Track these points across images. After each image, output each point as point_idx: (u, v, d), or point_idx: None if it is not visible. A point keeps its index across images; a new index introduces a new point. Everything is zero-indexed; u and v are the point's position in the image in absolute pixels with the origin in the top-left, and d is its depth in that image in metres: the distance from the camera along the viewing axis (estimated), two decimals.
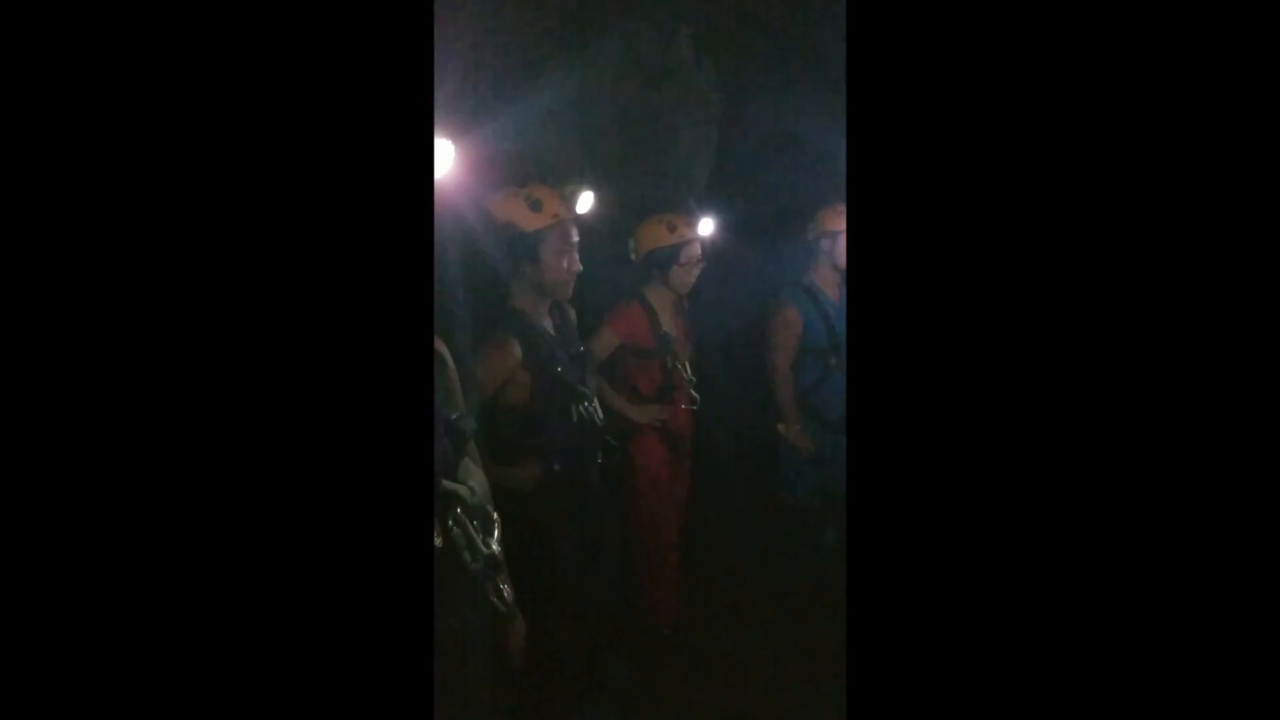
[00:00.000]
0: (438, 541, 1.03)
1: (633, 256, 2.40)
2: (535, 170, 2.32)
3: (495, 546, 1.09)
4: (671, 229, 2.33)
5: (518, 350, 1.66)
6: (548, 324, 1.79)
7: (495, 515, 1.13)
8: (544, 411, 1.70)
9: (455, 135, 1.03)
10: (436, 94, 0.96)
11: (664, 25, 2.78)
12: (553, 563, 1.70)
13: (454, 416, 1.12)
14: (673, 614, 2.45)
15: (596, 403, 1.81)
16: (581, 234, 1.76)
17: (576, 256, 1.75)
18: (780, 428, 2.53)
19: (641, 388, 2.34)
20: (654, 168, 2.92)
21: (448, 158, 1.01)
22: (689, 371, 2.38)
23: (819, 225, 2.54)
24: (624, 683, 2.18)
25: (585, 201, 1.91)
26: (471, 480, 1.11)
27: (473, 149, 1.40)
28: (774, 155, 3.18)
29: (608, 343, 2.28)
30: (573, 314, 1.91)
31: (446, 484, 1.06)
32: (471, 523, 1.07)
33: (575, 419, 1.73)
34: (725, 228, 2.64)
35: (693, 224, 2.36)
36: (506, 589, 1.13)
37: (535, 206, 1.70)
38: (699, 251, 2.37)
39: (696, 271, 2.38)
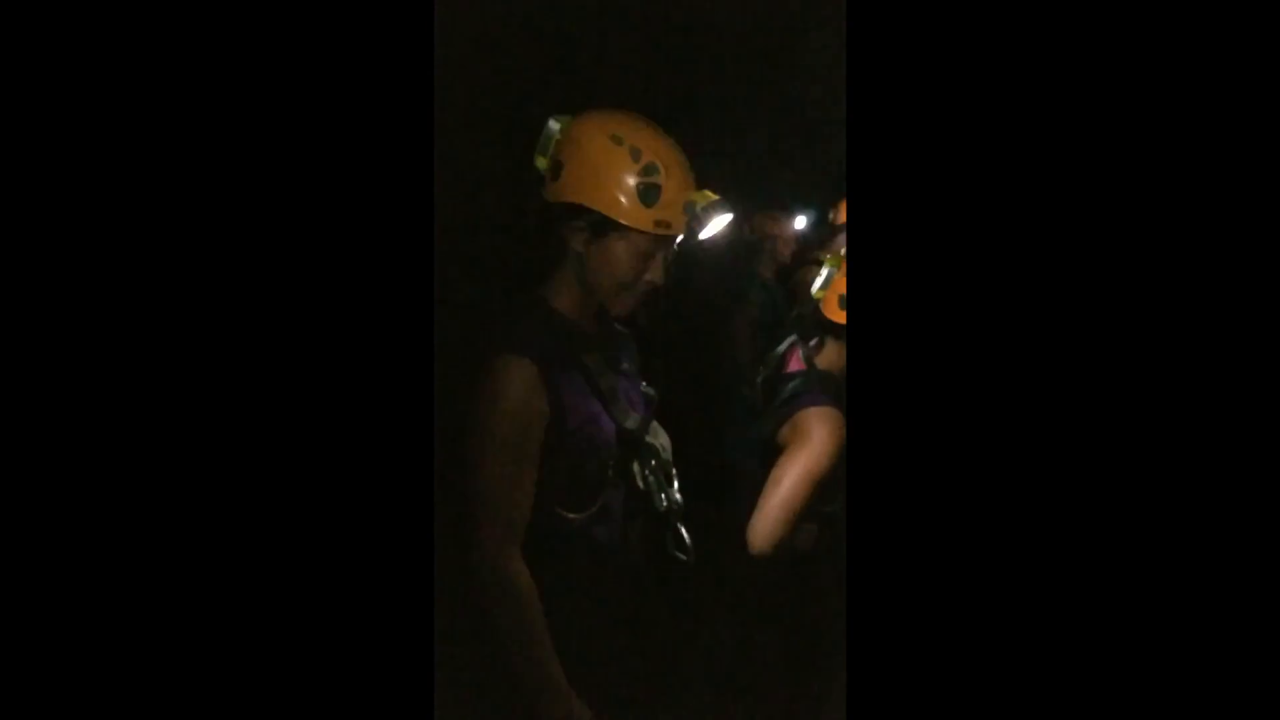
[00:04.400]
0: (639, 484, 1.25)
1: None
2: None
3: (677, 495, 1.28)
4: None
5: None
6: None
7: (675, 470, 1.31)
8: None
9: None
10: None
11: None
12: None
13: (642, 385, 1.33)
14: None
15: None
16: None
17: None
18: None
19: None
20: None
21: None
22: None
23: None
24: None
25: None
26: (661, 438, 1.30)
27: None
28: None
29: None
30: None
31: (648, 439, 1.26)
32: (661, 474, 1.28)
33: None
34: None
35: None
36: (686, 534, 1.30)
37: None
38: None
39: None
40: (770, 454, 1.65)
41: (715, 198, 1.13)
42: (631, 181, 1.10)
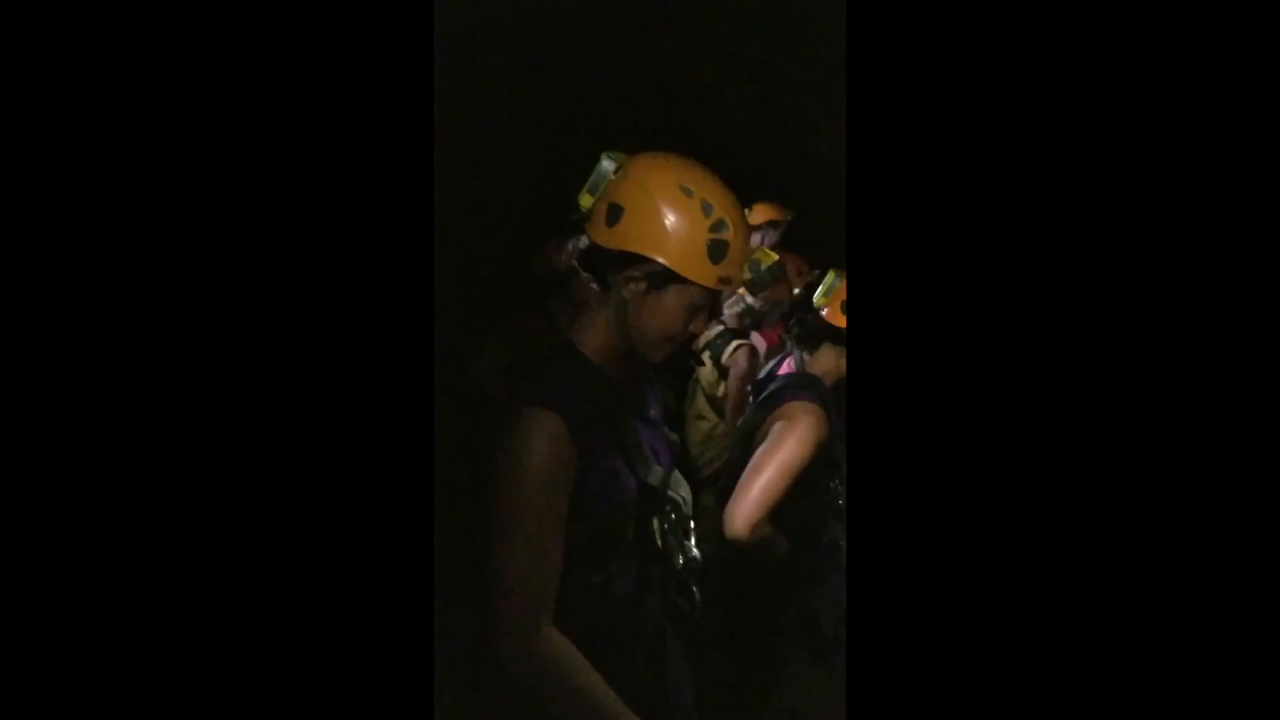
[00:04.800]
0: (658, 543, 1.16)
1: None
2: None
3: (695, 552, 1.21)
4: None
5: None
6: None
7: (694, 524, 1.23)
8: None
9: None
10: None
11: None
12: None
13: (667, 431, 1.24)
14: None
15: None
16: None
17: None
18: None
19: None
20: None
21: None
22: None
23: None
24: None
25: None
26: (682, 490, 1.22)
27: None
28: None
29: None
30: None
31: (670, 492, 1.18)
32: (680, 529, 1.19)
33: None
34: None
35: None
36: (698, 592, 1.22)
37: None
38: None
39: None
40: (754, 448, 1.67)
41: (776, 257, 1.11)
42: (703, 237, 1.04)
